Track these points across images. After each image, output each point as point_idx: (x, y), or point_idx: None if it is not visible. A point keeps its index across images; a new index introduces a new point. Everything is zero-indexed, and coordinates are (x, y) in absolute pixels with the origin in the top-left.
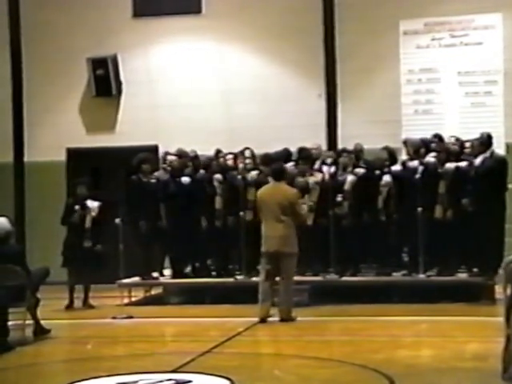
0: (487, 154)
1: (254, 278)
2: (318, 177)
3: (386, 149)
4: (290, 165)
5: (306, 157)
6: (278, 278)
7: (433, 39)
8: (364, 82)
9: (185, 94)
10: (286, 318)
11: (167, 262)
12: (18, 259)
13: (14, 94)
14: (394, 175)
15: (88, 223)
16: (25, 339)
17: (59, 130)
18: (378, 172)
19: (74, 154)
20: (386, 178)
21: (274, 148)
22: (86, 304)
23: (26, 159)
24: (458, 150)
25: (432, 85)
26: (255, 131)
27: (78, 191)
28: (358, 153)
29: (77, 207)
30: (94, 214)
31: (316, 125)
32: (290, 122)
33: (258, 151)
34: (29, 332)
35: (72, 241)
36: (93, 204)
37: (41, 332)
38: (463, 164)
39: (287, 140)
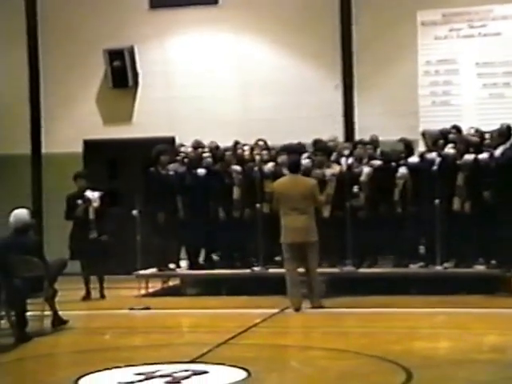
0: (507, 145)
1: (271, 270)
2: (336, 169)
3: (403, 140)
4: (305, 157)
5: (322, 148)
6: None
7: (451, 30)
8: (381, 73)
9: (201, 86)
10: (318, 306)
11: (184, 254)
12: (36, 250)
13: (31, 85)
14: (411, 167)
15: (91, 215)
16: (43, 330)
17: (76, 122)
18: (394, 164)
19: (90, 146)
20: (402, 170)
21: (291, 140)
22: (102, 295)
23: (43, 151)
24: (477, 142)
25: (450, 76)
26: (271, 123)
27: (78, 184)
28: (374, 144)
29: (79, 201)
30: (95, 204)
31: (332, 116)
32: (306, 114)
33: (275, 143)
34: (47, 323)
35: (77, 233)
36: (93, 195)
37: (59, 323)
38: (483, 156)
39: (304, 132)
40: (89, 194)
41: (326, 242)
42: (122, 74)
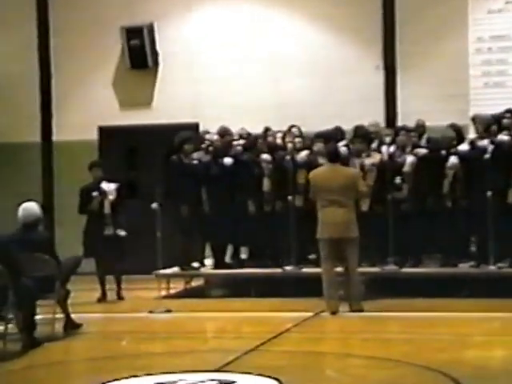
0: None
1: (305, 269)
2: (376, 158)
3: (453, 126)
4: (341, 144)
5: (362, 135)
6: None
7: (506, 2)
8: (427, 52)
9: (228, 66)
10: (357, 309)
11: (209, 251)
12: (46, 247)
13: (41, 67)
14: (461, 156)
15: (107, 209)
16: (54, 334)
17: (90, 107)
18: (443, 152)
19: (106, 133)
20: (453, 160)
21: (327, 126)
22: (119, 296)
23: (54, 139)
24: None
25: (504, 54)
26: (306, 107)
27: (93, 175)
28: (419, 131)
29: (94, 193)
30: (111, 197)
31: (373, 100)
32: (344, 97)
33: (309, 129)
34: (58, 327)
35: (92, 229)
36: (109, 187)
37: (71, 326)
38: None
39: (341, 117)
40: (104, 185)
41: (365, 239)
42: (140, 53)
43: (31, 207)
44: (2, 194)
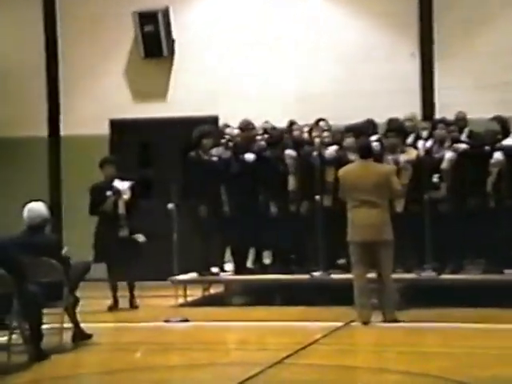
0: None
1: (334, 275)
2: (412, 154)
3: (497, 119)
4: (374, 139)
5: (396, 129)
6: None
7: None
8: (468, 37)
9: (250, 54)
10: (392, 319)
11: (229, 255)
12: (53, 251)
13: (48, 56)
14: (507, 151)
15: (121, 209)
16: (62, 346)
17: (101, 99)
18: (487, 148)
19: (118, 127)
20: (497, 156)
21: (358, 118)
22: (133, 304)
23: (62, 133)
24: None
25: None
26: (335, 98)
27: (105, 172)
28: (460, 124)
29: (109, 193)
30: (126, 196)
31: (408, 90)
32: (376, 87)
33: (338, 123)
34: (66, 337)
35: (104, 231)
36: (123, 185)
37: (81, 337)
38: None
39: (373, 109)
40: (118, 184)
41: (400, 243)
42: (155, 40)
43: (37, 208)
44: (6, 193)
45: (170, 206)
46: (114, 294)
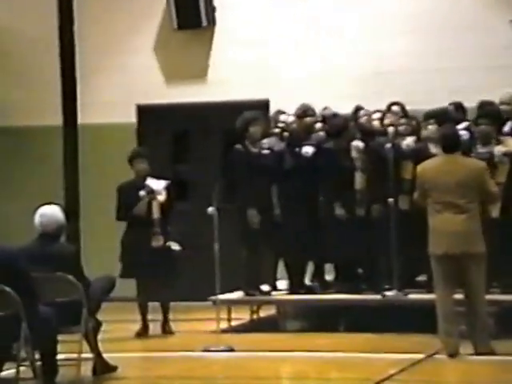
0: None
1: (412, 295)
2: (510, 145)
3: None
4: (461, 127)
5: (490, 115)
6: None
7: None
8: None
9: (307, 25)
10: (485, 351)
11: (282, 270)
12: (70, 264)
13: (62, 32)
14: None
15: (156, 213)
16: (81, 380)
17: (126, 80)
18: None
19: (147, 114)
20: None
21: (441, 103)
22: (166, 329)
23: (79, 121)
24: None
25: None
26: (411, 77)
27: (136, 168)
28: None
29: (142, 193)
30: (161, 198)
31: (505, 67)
32: (464, 63)
33: (417, 107)
34: (86, 370)
35: (134, 240)
36: (158, 185)
37: (103, 369)
38: None
39: (460, 90)
40: (151, 183)
41: (495, 256)
42: (191, 9)
43: (51, 212)
44: (14, 193)
45: (211, 209)
46: (144, 317)
